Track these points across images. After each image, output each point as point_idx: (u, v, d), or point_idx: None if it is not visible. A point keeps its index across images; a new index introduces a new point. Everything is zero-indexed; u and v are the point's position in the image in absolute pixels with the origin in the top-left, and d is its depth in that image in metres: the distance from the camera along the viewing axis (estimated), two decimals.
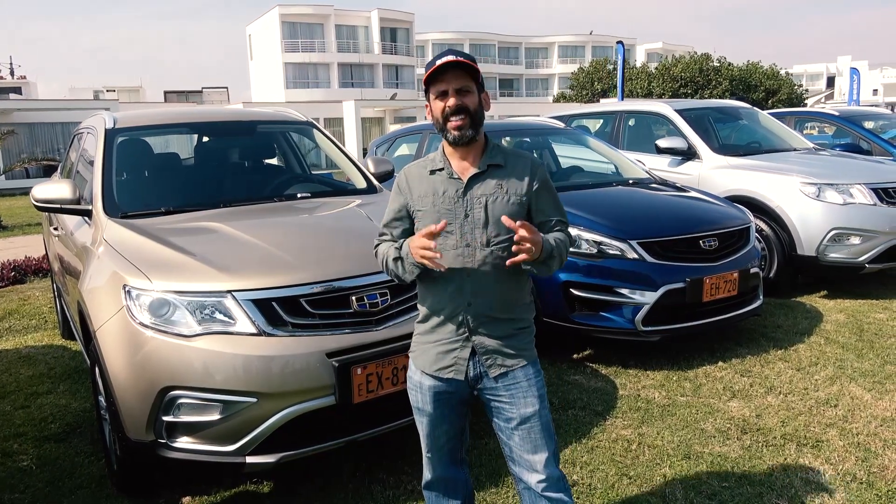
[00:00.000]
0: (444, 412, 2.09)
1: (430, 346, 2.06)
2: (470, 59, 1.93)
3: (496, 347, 2.00)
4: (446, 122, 1.94)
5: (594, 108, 9.40)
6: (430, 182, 2.02)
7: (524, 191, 1.99)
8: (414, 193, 2.04)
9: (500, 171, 2.00)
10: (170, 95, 47.36)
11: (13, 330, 5.66)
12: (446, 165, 2.01)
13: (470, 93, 1.94)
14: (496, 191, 1.97)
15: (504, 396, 2.01)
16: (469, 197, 1.97)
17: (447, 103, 1.93)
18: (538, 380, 2.04)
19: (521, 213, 1.98)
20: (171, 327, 2.60)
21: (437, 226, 1.84)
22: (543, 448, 2.01)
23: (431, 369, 2.05)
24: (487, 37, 65.13)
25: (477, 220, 1.96)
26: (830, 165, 6.14)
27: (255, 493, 2.98)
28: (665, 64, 37.99)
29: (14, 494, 3.02)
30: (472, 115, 1.94)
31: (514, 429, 2.02)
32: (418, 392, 2.10)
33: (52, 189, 3.53)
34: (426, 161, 2.08)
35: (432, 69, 1.92)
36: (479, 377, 2.02)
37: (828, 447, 3.19)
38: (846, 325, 5.00)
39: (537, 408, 2.00)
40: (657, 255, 4.24)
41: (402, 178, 2.09)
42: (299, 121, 4.70)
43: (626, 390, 3.92)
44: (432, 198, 2.00)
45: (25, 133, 24.44)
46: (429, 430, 2.13)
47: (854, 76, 24.01)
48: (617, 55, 19.11)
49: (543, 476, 2.01)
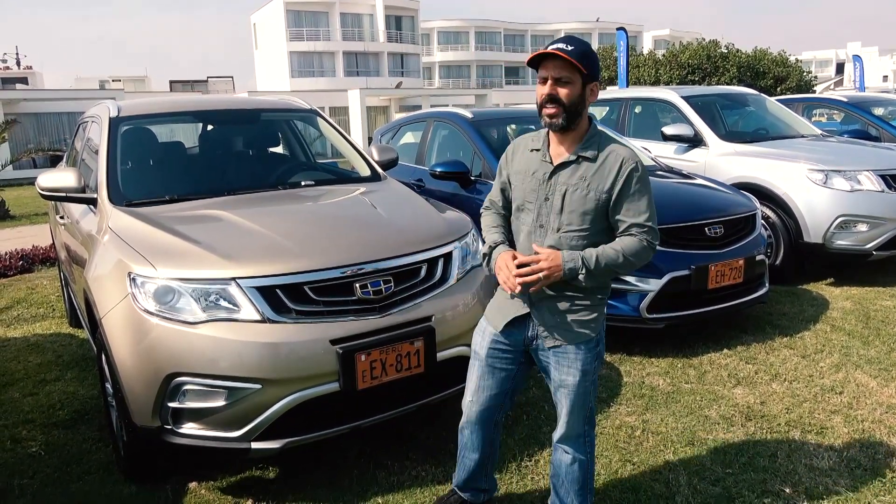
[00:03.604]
0: (496, 364, 2.27)
1: (501, 305, 2.23)
2: (574, 54, 1.96)
3: (552, 322, 2.13)
4: (541, 108, 2.04)
5: (600, 95, 9.34)
6: (528, 159, 2.15)
7: (606, 188, 2.04)
8: (513, 167, 2.20)
9: (590, 164, 2.06)
10: (175, 85, 47.28)
11: (21, 318, 5.70)
12: (544, 147, 2.12)
13: (569, 83, 2.00)
14: (578, 182, 2.05)
15: (552, 361, 2.18)
16: (553, 182, 2.08)
17: (544, 91, 2.02)
18: (588, 356, 2.14)
19: (599, 210, 2.05)
20: (176, 314, 2.61)
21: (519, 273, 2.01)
22: (571, 412, 2.19)
23: (493, 323, 2.24)
24: (493, 24, 64.69)
25: (554, 206, 2.07)
26: (838, 152, 6.09)
27: (260, 478, 3.01)
28: (672, 51, 37.65)
29: (23, 480, 3.05)
30: (566, 106, 2.00)
31: (555, 391, 2.22)
32: (480, 335, 2.30)
33: (58, 178, 3.54)
34: (533, 137, 2.20)
35: (530, 57, 2.02)
36: (534, 339, 2.19)
37: (832, 434, 3.18)
38: (852, 312, 4.98)
39: (577, 379, 2.15)
40: (662, 242, 4.22)
41: (510, 150, 2.25)
42: (303, 109, 4.69)
43: (631, 377, 3.93)
44: (524, 175, 2.14)
45: (32, 123, 24.52)
46: (477, 376, 2.31)
47: (857, 63, 23.70)
48: (619, 42, 18.92)
49: (563, 430, 2.24)
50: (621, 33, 18.75)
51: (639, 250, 2.05)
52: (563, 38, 2.03)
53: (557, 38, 2.06)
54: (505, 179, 2.23)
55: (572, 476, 2.30)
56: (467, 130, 5.48)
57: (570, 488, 2.32)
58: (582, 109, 2.03)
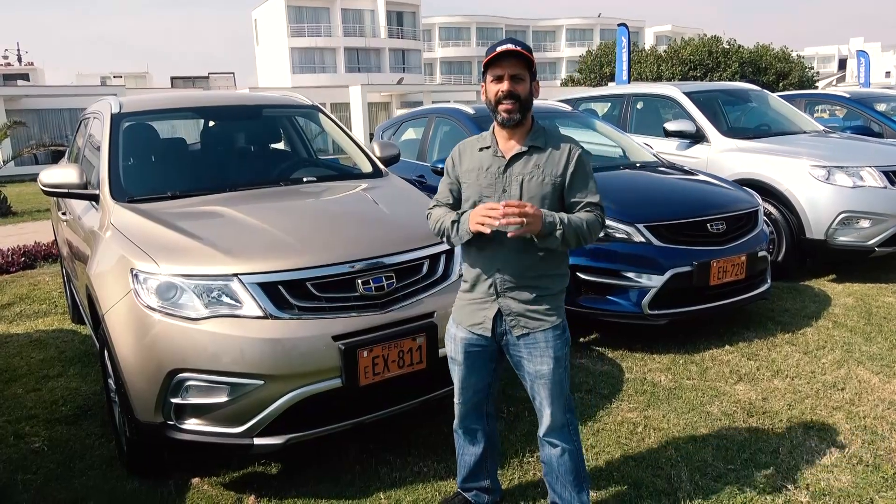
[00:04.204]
0: (474, 363, 2.35)
1: (466, 303, 2.32)
2: (527, 50, 2.13)
3: (520, 310, 2.22)
4: (498, 104, 2.14)
5: (602, 91, 9.33)
6: (478, 157, 2.25)
7: (559, 172, 2.18)
8: (463, 166, 2.28)
9: (540, 153, 2.20)
10: (176, 81, 47.27)
11: (24, 314, 5.71)
12: (493, 144, 2.23)
13: (523, 80, 2.14)
14: (533, 171, 2.18)
15: (524, 353, 2.25)
16: (508, 174, 2.19)
17: (501, 88, 2.13)
18: (557, 343, 2.23)
19: (555, 194, 2.19)
20: (179, 310, 2.62)
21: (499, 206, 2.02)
22: (552, 402, 2.27)
23: (465, 324, 2.32)
24: (494, 20, 64.55)
25: (512, 196, 2.16)
26: (840, 148, 6.07)
27: (263, 474, 3.01)
28: (674, 47, 37.59)
29: (27, 475, 3.06)
30: (522, 101, 2.14)
31: (532, 384, 2.28)
32: (452, 343, 2.38)
33: (60, 174, 3.54)
34: (479, 138, 2.31)
35: (492, 55, 2.11)
36: (504, 333, 2.26)
37: (834, 430, 3.18)
38: (854, 308, 4.98)
39: (551, 367, 2.23)
40: (664, 239, 4.22)
41: (456, 152, 2.34)
42: (305, 105, 4.68)
43: (633, 374, 3.93)
44: (477, 172, 2.23)
45: (33, 119, 24.50)
46: (459, 379, 2.40)
47: (862, 58, 23.64)
48: (619, 37, 18.88)
49: (548, 422, 2.30)
50: (622, 29, 18.71)
51: (595, 224, 2.19)
52: (507, 39, 2.15)
53: (501, 39, 2.19)
54: (453, 180, 2.32)
55: (565, 467, 2.35)
56: (469, 126, 5.48)
57: (565, 480, 2.37)
58: (531, 105, 2.19)
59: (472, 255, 2.27)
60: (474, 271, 2.27)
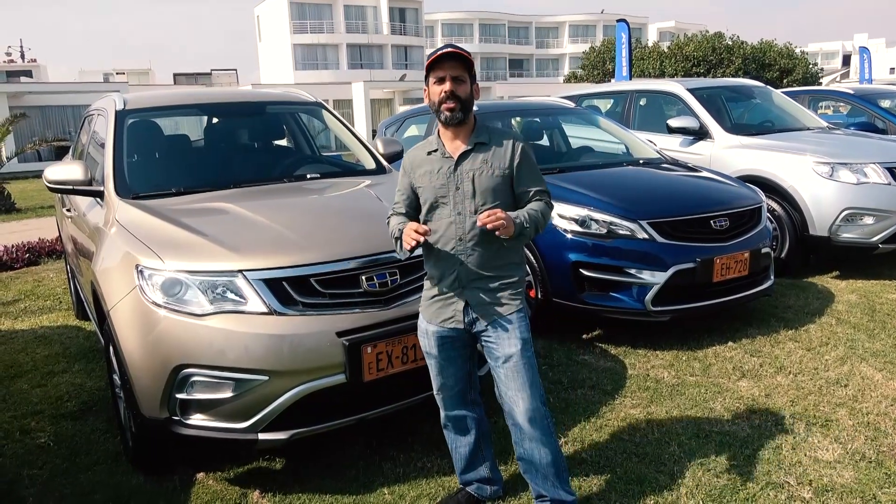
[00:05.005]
0: (450, 355, 2.41)
1: (433, 300, 2.40)
2: (466, 53, 2.25)
3: (485, 300, 2.32)
4: (441, 104, 2.25)
5: (605, 87, 9.32)
6: (428, 161, 2.35)
7: (506, 164, 2.30)
8: (416, 172, 2.38)
9: (486, 149, 2.31)
10: (179, 78, 47.30)
11: (29, 311, 5.73)
12: (440, 146, 2.34)
13: (463, 82, 2.25)
14: (482, 166, 2.29)
15: (492, 338, 2.33)
16: (459, 172, 2.30)
17: (443, 88, 2.23)
18: (521, 325, 2.33)
19: (505, 185, 2.31)
20: (184, 306, 2.63)
21: (425, 231, 2.18)
22: (527, 385, 2.31)
23: (435, 321, 2.39)
24: (497, 16, 64.43)
25: (466, 192, 2.28)
26: (844, 144, 6.06)
27: (267, 469, 3.03)
28: (678, 43, 37.48)
29: (32, 470, 3.08)
30: (463, 101, 2.25)
31: (501, 366, 2.33)
32: (425, 338, 2.44)
33: (65, 170, 3.55)
34: (425, 144, 2.41)
35: (433, 58, 2.24)
36: (473, 322, 2.35)
37: (837, 426, 3.19)
38: (858, 305, 4.97)
39: (519, 348, 2.31)
40: (667, 235, 4.22)
41: (407, 160, 2.43)
42: (308, 101, 4.69)
43: (636, 370, 3.93)
44: (429, 175, 2.33)
45: (37, 116, 24.56)
46: (437, 372, 2.45)
47: (864, 55, 23.55)
48: (619, 34, 18.83)
49: (525, 407, 2.31)
50: (622, 25, 18.67)
51: (547, 211, 2.34)
52: (448, 44, 2.29)
53: (442, 45, 2.33)
54: (408, 186, 2.40)
55: (547, 460, 2.37)
56: None
57: (547, 472, 2.38)
58: (472, 104, 2.30)
59: (433, 254, 2.35)
60: (437, 268, 2.35)
